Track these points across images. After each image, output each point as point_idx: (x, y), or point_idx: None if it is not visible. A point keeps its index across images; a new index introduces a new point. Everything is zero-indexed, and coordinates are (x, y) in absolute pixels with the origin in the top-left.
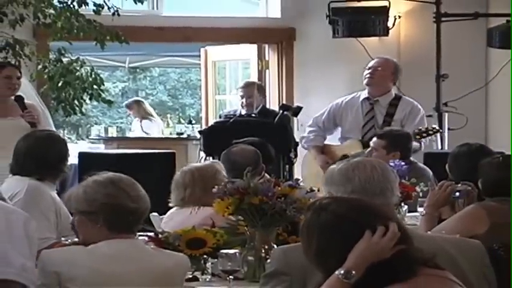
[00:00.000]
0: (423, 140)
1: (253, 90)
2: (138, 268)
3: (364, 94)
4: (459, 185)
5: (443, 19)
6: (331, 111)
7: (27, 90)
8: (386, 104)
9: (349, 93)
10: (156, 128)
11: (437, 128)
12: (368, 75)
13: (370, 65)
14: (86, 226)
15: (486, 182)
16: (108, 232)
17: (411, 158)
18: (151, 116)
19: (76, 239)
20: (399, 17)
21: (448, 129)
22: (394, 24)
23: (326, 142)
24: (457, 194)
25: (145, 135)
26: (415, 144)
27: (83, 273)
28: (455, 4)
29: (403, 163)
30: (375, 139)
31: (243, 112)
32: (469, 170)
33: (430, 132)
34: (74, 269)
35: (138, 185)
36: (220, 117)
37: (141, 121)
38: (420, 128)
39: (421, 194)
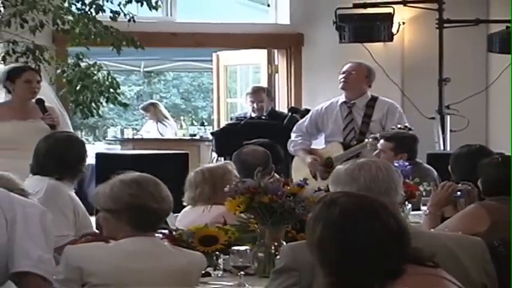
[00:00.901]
0: None
1: (262, 94)
2: (157, 265)
3: (342, 98)
4: (459, 185)
5: (445, 25)
6: (313, 118)
7: (47, 93)
8: (363, 106)
9: None
10: (170, 129)
11: (409, 126)
12: (342, 80)
13: (344, 69)
14: (110, 223)
15: (486, 181)
16: (130, 230)
17: (416, 159)
18: (167, 118)
19: None
20: (403, 23)
21: (450, 131)
22: (398, 30)
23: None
24: (458, 193)
25: (160, 137)
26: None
27: (103, 269)
28: (457, 11)
29: (407, 163)
30: (382, 141)
31: (254, 115)
32: (470, 170)
33: (401, 130)
34: (96, 264)
35: (163, 185)
36: (231, 119)
37: (157, 123)
38: (393, 127)
39: (424, 193)
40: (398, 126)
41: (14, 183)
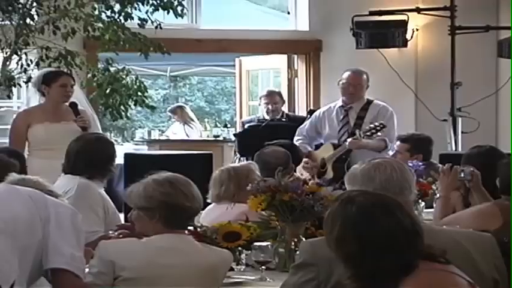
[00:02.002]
0: (374, 136)
1: (276, 97)
2: (186, 261)
3: (340, 103)
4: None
5: (457, 32)
6: (313, 122)
7: (79, 97)
8: (358, 109)
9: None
10: (196, 131)
11: (383, 123)
12: (351, 91)
13: (347, 80)
14: (143, 220)
15: (503, 180)
16: (162, 227)
17: (431, 160)
18: (193, 120)
19: None
20: (417, 29)
21: (462, 132)
22: (412, 37)
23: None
24: (462, 174)
25: (185, 138)
26: (374, 142)
27: (135, 263)
28: (469, 18)
29: (420, 163)
30: (398, 143)
31: (267, 117)
32: (480, 169)
33: (378, 128)
34: (128, 259)
35: (193, 184)
36: (243, 124)
37: (183, 125)
38: (367, 127)
39: (437, 192)
40: (373, 124)
41: (42, 185)
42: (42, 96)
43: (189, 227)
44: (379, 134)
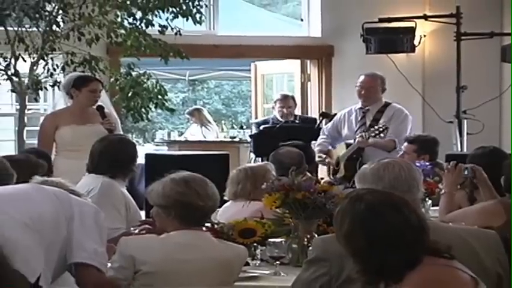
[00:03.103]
0: (378, 136)
1: (290, 100)
2: (202, 257)
3: (359, 105)
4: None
5: (462, 38)
6: (334, 123)
7: (104, 100)
8: (375, 111)
9: None
10: (213, 133)
11: (386, 125)
12: (363, 95)
13: (361, 84)
14: (161, 217)
15: (507, 179)
16: (178, 224)
17: (437, 160)
18: (210, 122)
19: None
20: (424, 36)
21: (467, 134)
22: (419, 42)
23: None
24: (466, 171)
25: (203, 139)
26: (382, 141)
27: (154, 258)
28: (473, 25)
29: (427, 163)
30: (406, 144)
31: (280, 119)
32: (484, 169)
33: (381, 129)
34: (147, 254)
35: (210, 184)
36: (257, 125)
37: (201, 127)
38: (372, 129)
39: (443, 191)
40: (377, 126)
41: (65, 186)
42: (70, 99)
43: (207, 224)
44: (381, 135)
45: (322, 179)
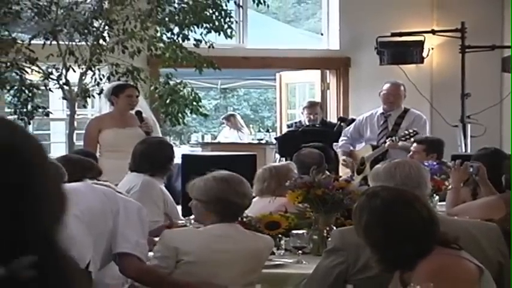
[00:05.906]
0: (408, 140)
1: (317, 107)
2: (237, 247)
3: (380, 110)
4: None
5: (467, 50)
6: (356, 125)
7: (143, 106)
8: (396, 116)
9: None
10: (246, 136)
11: (416, 131)
12: (391, 100)
13: (387, 91)
14: (199, 210)
15: (508, 178)
16: (216, 218)
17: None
18: (243, 126)
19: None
20: (432, 48)
21: (471, 136)
22: (428, 55)
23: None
24: (471, 169)
25: (235, 141)
26: (408, 145)
27: (195, 249)
28: (477, 38)
29: (434, 163)
30: (415, 144)
31: (307, 123)
32: (487, 168)
33: (412, 134)
34: (189, 245)
35: (246, 183)
36: (288, 126)
37: (237, 131)
38: (402, 133)
39: (449, 188)
40: (407, 131)
41: (111, 186)
42: (112, 105)
43: None
44: (411, 139)
45: (340, 177)
